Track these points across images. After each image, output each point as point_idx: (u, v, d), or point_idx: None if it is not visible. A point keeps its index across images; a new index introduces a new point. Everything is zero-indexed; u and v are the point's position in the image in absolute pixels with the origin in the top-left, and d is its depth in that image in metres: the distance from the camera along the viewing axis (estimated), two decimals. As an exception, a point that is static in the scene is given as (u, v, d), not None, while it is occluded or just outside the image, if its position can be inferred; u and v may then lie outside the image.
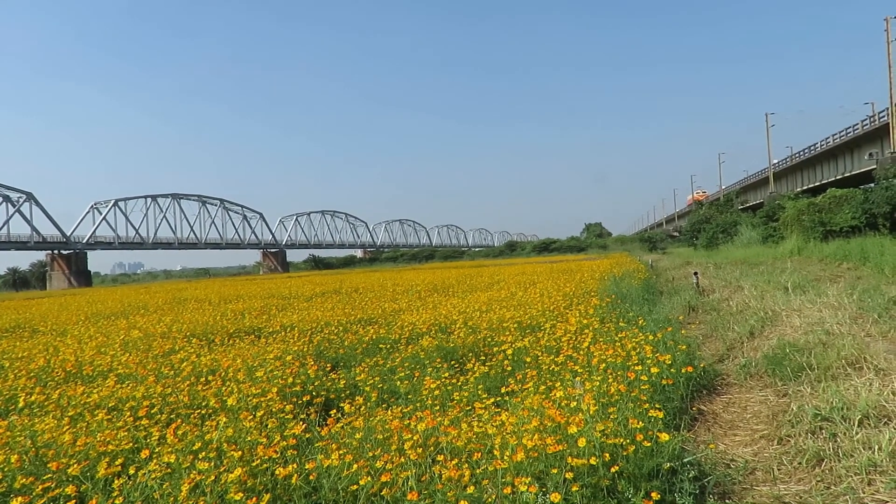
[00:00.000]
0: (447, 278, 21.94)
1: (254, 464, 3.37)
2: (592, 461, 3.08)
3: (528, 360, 5.74)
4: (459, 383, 5.15)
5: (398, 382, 5.42)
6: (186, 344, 8.22)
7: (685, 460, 3.55)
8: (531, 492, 2.80)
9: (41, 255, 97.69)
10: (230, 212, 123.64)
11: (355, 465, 3.21)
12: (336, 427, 4.00)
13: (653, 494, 2.93)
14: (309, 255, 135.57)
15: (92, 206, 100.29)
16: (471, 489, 2.94)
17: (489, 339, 6.93)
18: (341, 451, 3.38)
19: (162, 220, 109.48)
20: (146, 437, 3.97)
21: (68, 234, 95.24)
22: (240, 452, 3.46)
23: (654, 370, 4.65)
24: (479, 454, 3.31)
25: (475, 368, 5.55)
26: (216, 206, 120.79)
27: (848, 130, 44.29)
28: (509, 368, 5.66)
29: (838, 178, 45.42)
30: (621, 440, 3.31)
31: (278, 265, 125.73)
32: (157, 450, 3.68)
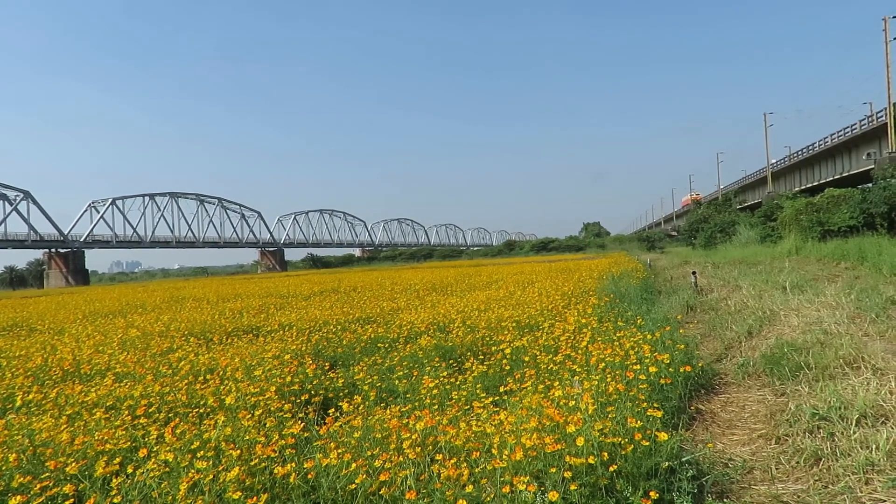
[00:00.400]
0: (445, 277, 21.94)
1: (252, 463, 3.37)
2: (591, 460, 3.08)
3: (527, 359, 5.73)
4: (458, 382, 5.14)
5: (397, 381, 5.42)
6: (184, 343, 8.20)
7: (683, 459, 3.56)
8: (530, 491, 2.80)
9: (38, 254, 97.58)
10: (228, 210, 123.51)
11: (354, 465, 3.21)
12: (334, 426, 4.00)
13: (651, 493, 2.94)
14: (307, 254, 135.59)
15: (89, 205, 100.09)
16: (469, 488, 2.95)
17: (487, 339, 6.93)
18: (340, 451, 3.38)
19: (160, 218, 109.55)
20: (144, 435, 3.97)
21: (66, 232, 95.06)
22: (238, 451, 3.46)
23: (652, 369, 4.65)
24: (478, 453, 3.31)
25: (474, 367, 5.55)
26: (214, 204, 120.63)
27: (846, 130, 44.39)
28: (508, 368, 5.66)
29: (836, 177, 45.51)
30: (620, 439, 3.31)
31: (276, 264, 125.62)
32: (155, 449, 3.67)
